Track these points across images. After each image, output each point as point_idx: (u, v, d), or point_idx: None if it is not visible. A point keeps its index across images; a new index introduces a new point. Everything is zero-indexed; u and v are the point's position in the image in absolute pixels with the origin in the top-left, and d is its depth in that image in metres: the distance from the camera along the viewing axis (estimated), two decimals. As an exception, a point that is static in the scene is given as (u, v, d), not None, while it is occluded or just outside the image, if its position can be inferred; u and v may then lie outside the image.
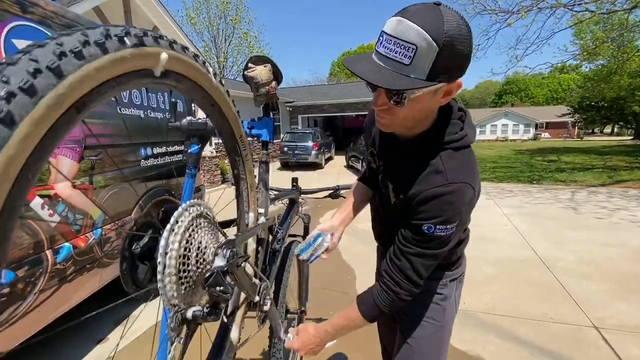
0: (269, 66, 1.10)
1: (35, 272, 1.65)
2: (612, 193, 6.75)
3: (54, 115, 0.31)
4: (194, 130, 1.08)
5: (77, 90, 0.33)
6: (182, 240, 0.56)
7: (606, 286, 2.88)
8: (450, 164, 0.77)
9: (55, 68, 0.31)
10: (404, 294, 0.83)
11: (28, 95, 0.29)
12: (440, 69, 0.63)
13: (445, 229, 0.76)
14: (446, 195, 0.74)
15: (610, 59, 13.58)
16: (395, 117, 0.73)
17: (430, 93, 0.68)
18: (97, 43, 0.35)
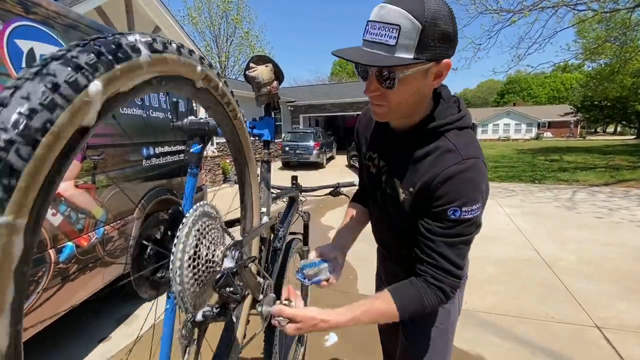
0: (270, 66, 1.10)
1: (38, 271, 1.66)
2: (614, 193, 6.72)
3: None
4: (195, 130, 1.08)
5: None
6: (195, 248, 0.56)
7: (608, 286, 2.87)
8: (459, 142, 0.75)
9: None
10: (449, 291, 0.77)
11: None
12: (426, 47, 0.64)
13: (472, 211, 0.72)
14: (464, 173, 0.72)
15: (613, 58, 13.51)
16: (390, 103, 0.73)
17: (420, 74, 0.68)
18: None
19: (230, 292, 0.55)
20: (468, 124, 0.80)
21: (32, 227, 0.29)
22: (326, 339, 2.26)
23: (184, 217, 0.55)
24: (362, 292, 2.86)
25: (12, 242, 0.27)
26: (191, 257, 0.53)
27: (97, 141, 2.17)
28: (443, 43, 0.66)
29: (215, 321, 0.59)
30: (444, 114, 0.79)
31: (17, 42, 1.61)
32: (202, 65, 0.50)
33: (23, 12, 1.66)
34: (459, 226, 0.73)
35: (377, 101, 0.74)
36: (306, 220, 1.68)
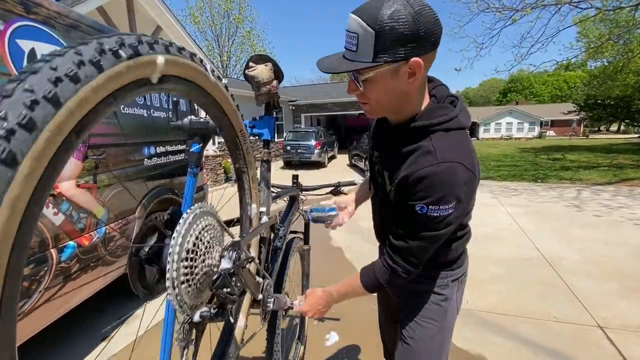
0: (270, 65, 1.10)
1: (40, 271, 1.67)
2: (617, 192, 6.68)
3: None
4: (195, 129, 1.08)
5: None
6: (191, 248, 0.56)
7: (610, 285, 2.86)
8: (440, 144, 0.78)
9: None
10: (400, 270, 0.85)
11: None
12: (383, 50, 0.69)
13: (439, 210, 0.75)
14: (436, 175, 0.74)
15: (616, 57, 13.41)
16: (370, 101, 0.80)
17: (388, 74, 0.73)
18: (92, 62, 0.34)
19: (227, 292, 0.55)
20: (460, 125, 0.81)
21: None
22: (327, 338, 2.26)
23: (182, 218, 0.55)
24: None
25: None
26: (187, 257, 0.53)
27: (99, 141, 2.18)
28: (403, 44, 0.69)
29: (212, 321, 0.59)
30: (433, 113, 0.81)
31: (19, 42, 1.62)
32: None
33: (24, 12, 1.67)
34: (425, 221, 0.78)
35: (360, 99, 0.83)
36: (307, 219, 1.68)
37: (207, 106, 0.63)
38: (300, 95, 19.22)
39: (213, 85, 0.60)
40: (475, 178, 0.79)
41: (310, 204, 1.47)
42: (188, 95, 0.56)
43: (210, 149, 9.37)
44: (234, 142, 0.80)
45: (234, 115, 0.72)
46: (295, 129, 15.08)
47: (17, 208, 0.29)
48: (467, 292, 1.17)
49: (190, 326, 0.58)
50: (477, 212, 0.89)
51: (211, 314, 0.58)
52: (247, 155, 0.83)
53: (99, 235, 2.11)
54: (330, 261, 3.59)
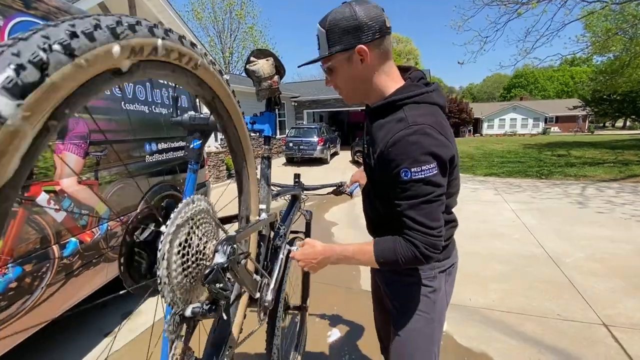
0: (271, 60, 1.08)
1: (42, 267, 1.67)
2: (623, 188, 6.61)
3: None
4: (195, 125, 1.07)
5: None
6: (183, 239, 0.55)
7: (615, 283, 2.83)
8: (411, 113, 0.84)
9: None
10: (423, 247, 0.82)
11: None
12: (333, 43, 0.86)
13: (422, 171, 0.78)
14: (409, 136, 0.79)
15: (623, 52, 13.21)
16: (339, 88, 0.95)
17: (344, 62, 0.88)
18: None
19: (219, 288, 0.54)
20: (432, 100, 0.88)
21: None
22: (328, 335, 2.25)
23: (174, 211, 0.54)
24: (364, 287, 2.85)
25: None
26: (179, 252, 0.52)
27: (101, 137, 2.17)
28: (348, 35, 0.84)
29: (205, 318, 0.57)
30: (405, 89, 0.89)
31: (18, 37, 1.61)
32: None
33: (24, 8, 1.66)
34: (414, 186, 0.80)
35: (334, 88, 0.97)
36: (308, 218, 1.66)
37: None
38: (302, 91, 19.14)
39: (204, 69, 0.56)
40: (450, 145, 0.83)
41: (313, 200, 1.46)
42: (175, 80, 0.53)
43: (212, 146, 9.37)
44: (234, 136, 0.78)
45: (228, 100, 0.69)
46: (298, 125, 15.04)
47: None
48: (470, 289, 1.16)
49: (181, 320, 0.57)
50: (480, 208, 0.88)
51: (203, 310, 0.56)
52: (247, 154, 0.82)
53: (101, 232, 2.11)
54: (332, 258, 3.58)
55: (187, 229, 0.56)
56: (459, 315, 2.41)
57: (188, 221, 0.57)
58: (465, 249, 3.39)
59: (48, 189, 1.73)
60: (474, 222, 4.48)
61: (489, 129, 36.52)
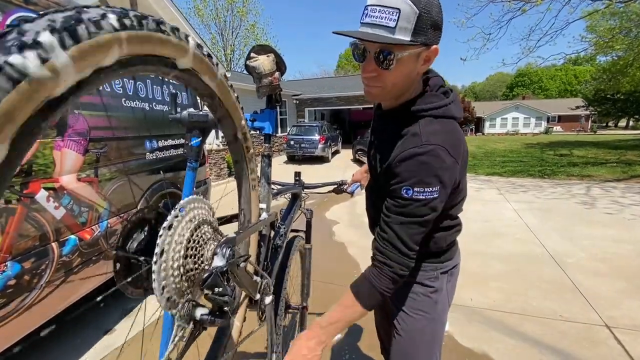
0: (272, 56, 1.06)
1: (41, 264, 1.67)
2: (626, 188, 6.57)
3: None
4: (195, 123, 1.05)
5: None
6: (180, 240, 0.53)
7: (618, 284, 2.81)
8: (427, 129, 0.80)
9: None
10: (397, 267, 0.81)
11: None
12: (420, 31, 0.72)
13: (424, 192, 0.76)
14: (420, 156, 0.76)
15: (627, 51, 13.11)
16: (384, 84, 0.79)
17: (414, 57, 0.76)
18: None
19: (218, 293, 0.52)
20: (450, 114, 0.84)
21: None
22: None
23: (171, 212, 0.52)
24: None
25: None
26: (169, 249, 0.50)
27: (101, 134, 2.16)
28: (434, 30, 0.74)
29: (213, 325, 0.55)
30: (425, 100, 0.84)
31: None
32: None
33: (23, 3, 1.64)
34: (411, 205, 0.78)
35: (372, 82, 0.80)
36: (309, 217, 1.65)
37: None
38: (304, 89, 19.09)
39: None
40: (457, 165, 0.80)
41: (314, 198, 1.45)
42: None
43: (213, 143, 9.36)
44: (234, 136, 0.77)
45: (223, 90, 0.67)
46: (299, 123, 15.01)
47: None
48: (471, 289, 1.15)
49: (190, 316, 0.55)
50: (482, 208, 0.87)
51: (211, 319, 0.54)
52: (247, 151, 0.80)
53: (101, 230, 2.10)
54: (333, 257, 3.57)
55: (186, 237, 0.54)
56: (460, 315, 2.40)
57: (186, 225, 0.55)
58: (467, 248, 3.37)
59: (47, 186, 1.72)
60: (477, 222, 4.46)
61: (491, 128, 36.40)
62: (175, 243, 0.52)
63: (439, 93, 0.87)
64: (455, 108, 0.86)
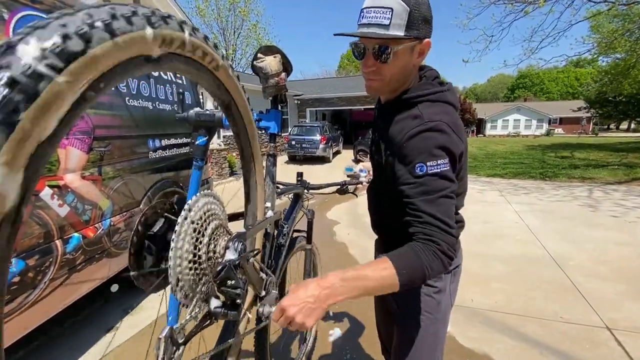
0: (279, 57, 1.07)
1: (45, 262, 1.67)
2: (627, 191, 6.57)
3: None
4: (201, 122, 1.06)
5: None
6: (194, 233, 0.54)
7: (619, 286, 2.81)
8: (427, 110, 0.85)
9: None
10: (444, 245, 0.73)
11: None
12: (412, 26, 0.79)
13: (437, 165, 0.78)
14: (425, 132, 0.80)
15: (629, 53, 13.11)
16: (383, 77, 0.86)
17: (409, 50, 0.83)
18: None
19: (231, 285, 0.53)
20: (446, 99, 0.89)
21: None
22: (330, 334, 2.24)
23: (186, 204, 0.53)
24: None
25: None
26: (192, 246, 0.51)
27: (104, 133, 2.17)
28: (425, 24, 0.81)
29: (225, 318, 0.56)
30: (421, 87, 0.90)
31: (24, 31, 1.60)
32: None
33: (29, 2, 1.65)
34: (429, 181, 0.78)
35: (372, 76, 0.87)
36: (310, 217, 1.66)
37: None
38: (305, 89, 19.11)
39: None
40: (460, 142, 0.84)
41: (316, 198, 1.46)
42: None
43: (215, 143, 9.37)
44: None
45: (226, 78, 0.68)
46: (300, 123, 15.02)
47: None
48: (472, 290, 1.15)
49: (204, 315, 0.56)
50: (483, 209, 0.87)
51: (223, 311, 0.55)
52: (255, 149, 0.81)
53: (104, 228, 2.11)
54: (333, 257, 3.58)
55: (200, 225, 0.55)
56: (461, 316, 2.40)
57: (202, 217, 0.56)
58: (468, 249, 3.37)
59: (52, 183, 1.73)
60: (478, 223, 4.46)
61: (492, 129, 36.37)
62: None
63: (435, 82, 0.92)
64: (451, 95, 0.91)
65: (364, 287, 0.68)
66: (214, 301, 0.56)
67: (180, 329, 0.53)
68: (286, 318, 0.63)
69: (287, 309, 0.63)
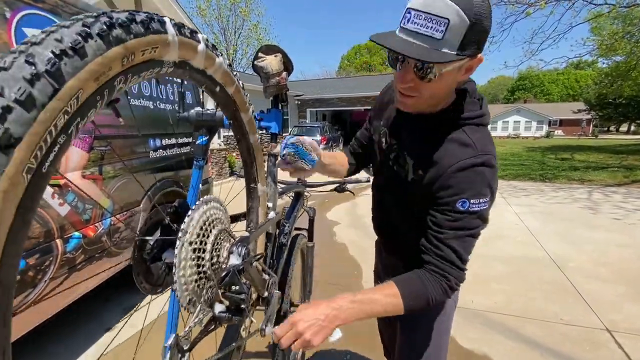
0: (280, 56, 1.07)
1: (45, 261, 1.67)
2: (627, 193, 6.57)
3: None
4: (202, 122, 1.06)
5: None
6: (195, 253, 0.53)
7: (619, 288, 2.81)
8: (476, 137, 0.77)
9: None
10: (454, 281, 0.78)
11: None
12: (468, 43, 0.65)
13: (479, 204, 0.74)
14: (478, 167, 0.74)
15: (629, 55, 13.12)
16: (421, 95, 0.73)
17: (457, 69, 0.70)
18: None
19: (235, 291, 0.53)
20: (486, 122, 0.83)
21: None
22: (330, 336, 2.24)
23: (191, 210, 0.53)
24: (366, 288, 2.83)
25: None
26: (196, 249, 0.51)
27: (105, 132, 2.17)
28: (481, 38, 0.67)
29: (229, 322, 0.56)
30: (467, 108, 0.81)
31: (25, 30, 1.60)
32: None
33: (31, 1, 1.65)
34: (466, 218, 0.75)
35: (408, 92, 0.74)
36: (311, 215, 1.65)
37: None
38: (306, 89, 19.12)
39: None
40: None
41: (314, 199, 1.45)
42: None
43: (215, 143, 9.37)
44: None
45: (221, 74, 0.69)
46: (300, 123, 15.03)
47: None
48: (472, 291, 1.15)
49: (210, 306, 0.56)
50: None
51: (227, 316, 0.55)
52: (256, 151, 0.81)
53: (105, 227, 2.11)
54: (333, 257, 3.57)
55: (200, 242, 0.54)
56: (461, 317, 2.40)
57: (200, 233, 0.55)
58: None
59: (52, 182, 1.73)
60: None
61: (492, 130, 35.93)
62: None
63: (476, 100, 0.84)
64: (488, 115, 0.85)
65: (370, 310, 0.73)
66: (218, 306, 0.55)
67: (184, 337, 0.52)
68: (295, 333, 0.66)
69: (297, 323, 0.66)
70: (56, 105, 0.32)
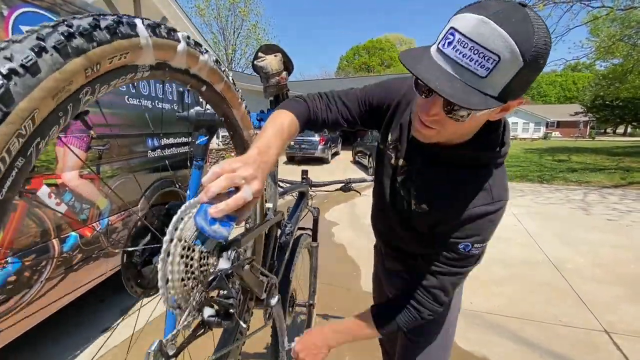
0: (280, 56, 1.06)
1: (41, 261, 1.66)
2: (625, 195, 6.60)
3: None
4: (202, 121, 1.05)
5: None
6: (185, 241, 0.52)
7: (617, 289, 2.82)
8: (494, 181, 0.74)
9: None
10: (426, 313, 0.81)
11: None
12: (516, 86, 0.54)
13: (480, 247, 0.75)
14: (491, 215, 0.73)
15: (626, 58, 13.22)
16: (444, 131, 0.65)
17: (493, 111, 0.60)
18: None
19: (223, 295, 0.52)
20: (505, 160, 0.78)
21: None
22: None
23: (179, 210, 0.52)
24: (365, 289, 2.83)
25: None
26: (182, 254, 0.50)
27: (103, 131, 2.15)
28: (532, 80, 0.56)
29: (219, 327, 0.55)
30: (487, 141, 0.73)
31: (23, 28, 1.59)
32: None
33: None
34: (465, 259, 0.76)
35: (430, 124, 0.64)
36: (315, 215, 1.65)
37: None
38: (305, 90, 18.96)
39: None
40: None
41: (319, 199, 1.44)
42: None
43: (214, 142, 9.35)
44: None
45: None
46: (299, 124, 15.00)
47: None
48: (471, 293, 1.15)
49: (198, 324, 0.55)
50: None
51: (217, 320, 0.54)
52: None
53: (102, 227, 2.09)
54: (333, 258, 3.57)
55: (187, 256, 0.53)
56: (460, 318, 2.38)
57: (185, 246, 0.53)
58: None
59: (49, 182, 1.71)
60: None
61: (490, 132, 36.47)
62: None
63: (499, 131, 0.74)
64: (508, 146, 0.76)
65: (352, 337, 0.90)
66: (208, 310, 0.54)
67: (170, 341, 0.51)
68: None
69: (299, 353, 0.89)
70: (7, 129, 0.29)
